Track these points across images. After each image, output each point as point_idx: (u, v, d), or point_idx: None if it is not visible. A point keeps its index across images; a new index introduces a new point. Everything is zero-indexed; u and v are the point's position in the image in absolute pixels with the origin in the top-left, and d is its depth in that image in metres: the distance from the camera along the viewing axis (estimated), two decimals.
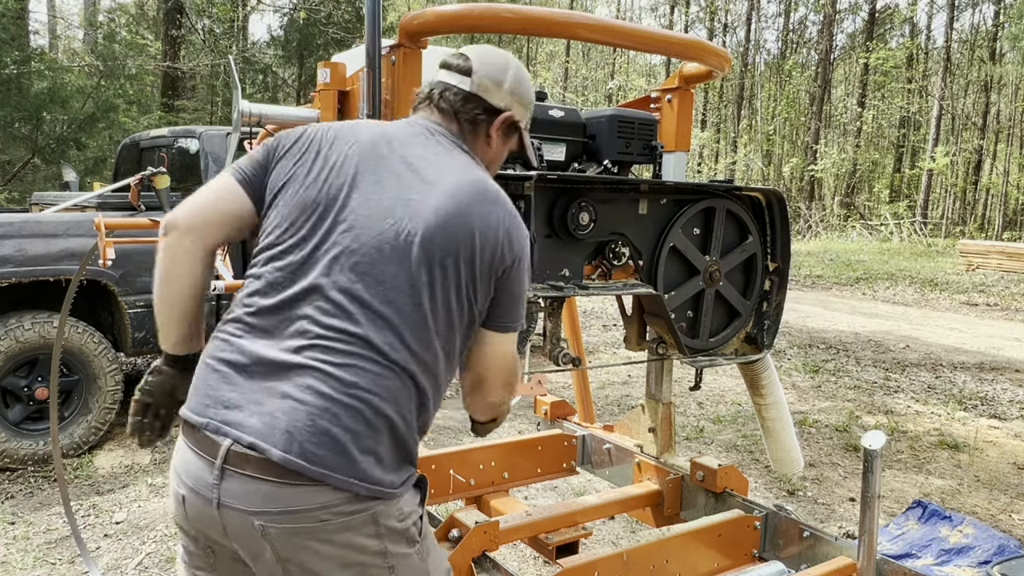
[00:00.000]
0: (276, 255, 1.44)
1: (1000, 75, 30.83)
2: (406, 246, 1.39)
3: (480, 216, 1.44)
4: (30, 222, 4.39)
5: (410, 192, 1.44)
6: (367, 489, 1.33)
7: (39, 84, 12.86)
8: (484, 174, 1.54)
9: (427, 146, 1.53)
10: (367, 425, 1.34)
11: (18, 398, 4.29)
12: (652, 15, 38.75)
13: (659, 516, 2.62)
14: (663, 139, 2.48)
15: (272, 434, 1.30)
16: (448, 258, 1.41)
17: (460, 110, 1.59)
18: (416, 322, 1.39)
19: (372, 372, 1.36)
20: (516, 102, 1.63)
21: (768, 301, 2.56)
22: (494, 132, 1.61)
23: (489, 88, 1.59)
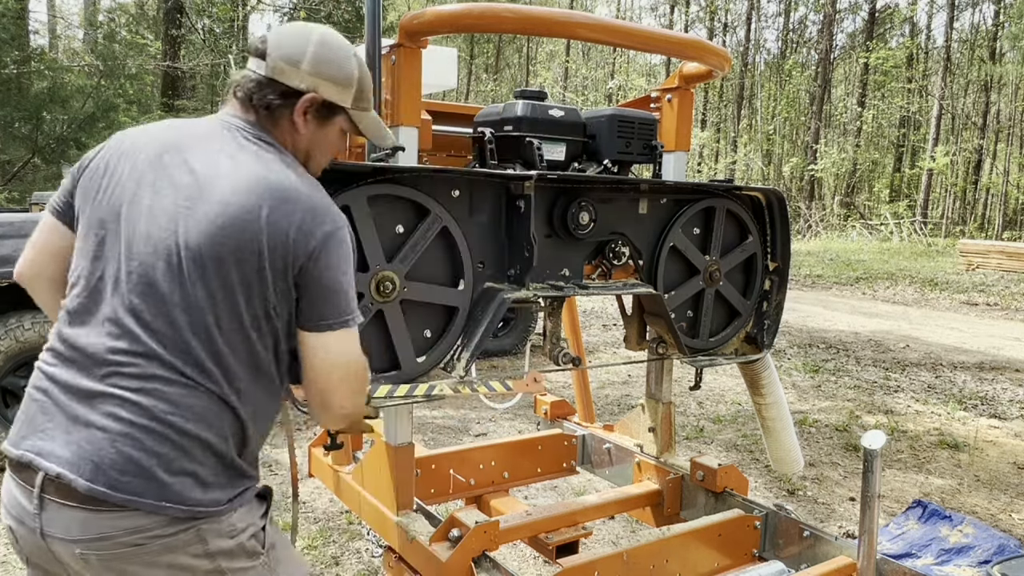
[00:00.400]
0: (75, 282, 1.41)
1: (1000, 75, 30.82)
2: (178, 261, 1.32)
3: (264, 216, 1.33)
4: (30, 222, 4.39)
5: (187, 200, 1.35)
6: (182, 511, 1.31)
7: (39, 84, 12.86)
8: (280, 167, 1.41)
9: (215, 145, 1.42)
10: (174, 447, 1.31)
11: (18, 398, 4.29)
12: (652, 15, 38.78)
13: (659, 516, 2.62)
14: (663, 139, 2.48)
15: (79, 464, 1.29)
16: (225, 270, 1.33)
17: (254, 97, 1.46)
18: (204, 340, 1.33)
19: (172, 393, 1.32)
20: (323, 80, 1.47)
21: (768, 301, 2.56)
22: (298, 117, 1.47)
23: (284, 70, 1.45)
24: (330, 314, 1.40)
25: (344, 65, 1.49)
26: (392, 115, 2.01)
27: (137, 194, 1.38)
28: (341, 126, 1.55)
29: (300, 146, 1.51)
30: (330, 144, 1.57)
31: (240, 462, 1.41)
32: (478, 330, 1.94)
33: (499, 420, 5.47)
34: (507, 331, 7.23)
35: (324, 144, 1.55)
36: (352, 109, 1.53)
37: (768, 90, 32.98)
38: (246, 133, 1.45)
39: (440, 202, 1.87)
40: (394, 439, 2.14)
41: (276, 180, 1.38)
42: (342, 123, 1.55)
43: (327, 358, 1.41)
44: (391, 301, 1.81)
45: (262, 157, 1.41)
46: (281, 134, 1.49)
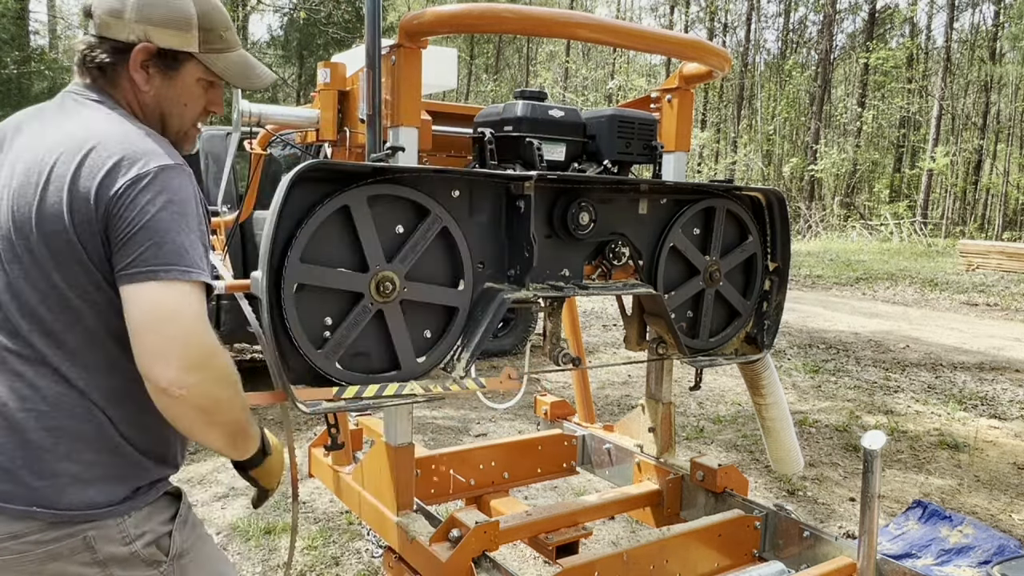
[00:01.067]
0: None
1: (1000, 75, 30.83)
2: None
3: (63, 175, 1.21)
4: None
5: (4, 180, 1.26)
6: (56, 515, 1.20)
7: (39, 84, 12.87)
8: (95, 118, 1.28)
9: (49, 117, 1.32)
10: (37, 446, 1.20)
11: None
12: (652, 15, 38.80)
13: (659, 516, 2.62)
14: (663, 139, 2.48)
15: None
16: (32, 243, 1.21)
17: (86, 59, 1.34)
18: (35, 323, 1.22)
19: (19, 386, 1.22)
20: (153, 27, 1.31)
21: (768, 301, 2.56)
22: (135, 73, 1.33)
23: (109, 23, 1.31)
24: (147, 260, 1.17)
25: (177, 4, 1.33)
26: (392, 115, 2.01)
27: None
28: (197, 75, 1.39)
29: (147, 105, 1.36)
30: (187, 98, 1.39)
31: (134, 458, 1.28)
32: (478, 330, 1.94)
33: (499, 420, 5.47)
34: (507, 331, 7.23)
35: (176, 99, 1.38)
36: (201, 53, 1.36)
37: (768, 90, 32.99)
38: (75, 96, 1.33)
39: (440, 202, 1.87)
40: (394, 439, 2.14)
41: (79, 133, 1.24)
42: (196, 72, 1.38)
43: (142, 315, 1.17)
44: (391, 301, 1.81)
45: (79, 114, 1.29)
46: (122, 95, 1.35)
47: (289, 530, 1.90)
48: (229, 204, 4.72)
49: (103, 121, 1.28)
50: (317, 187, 1.70)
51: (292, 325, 1.67)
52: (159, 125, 1.38)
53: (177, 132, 1.41)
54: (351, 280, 1.75)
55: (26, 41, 14.20)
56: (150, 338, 1.17)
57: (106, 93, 1.34)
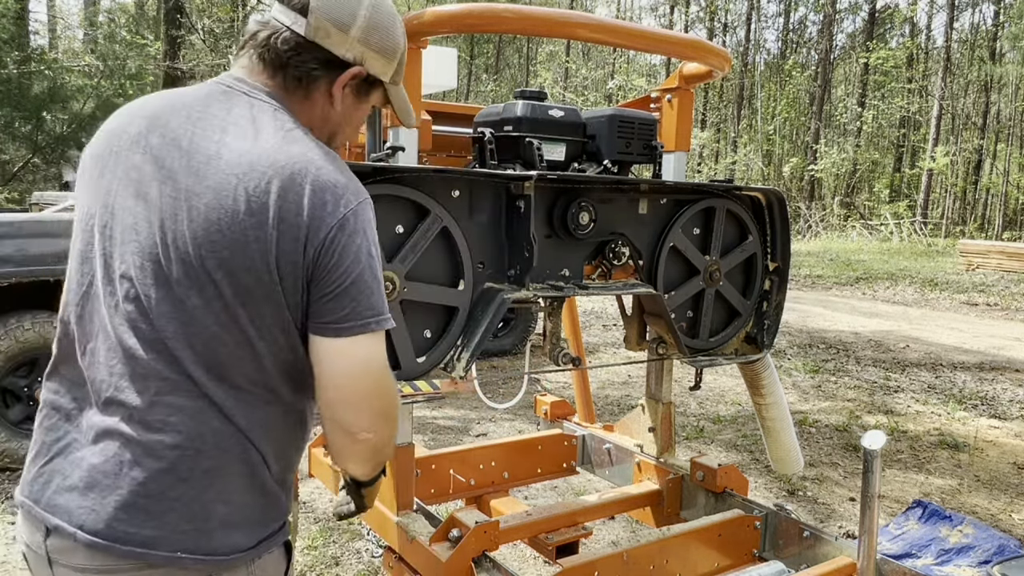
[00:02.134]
0: (67, 287, 1.25)
1: (1000, 75, 30.83)
2: (167, 265, 1.13)
3: (271, 201, 1.11)
4: (30, 222, 4.39)
5: (175, 189, 1.14)
6: (201, 560, 1.15)
7: (40, 84, 12.87)
8: (294, 136, 1.19)
9: (215, 118, 1.18)
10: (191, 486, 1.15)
11: (18, 398, 4.29)
12: (652, 15, 38.79)
13: (659, 516, 2.62)
14: (663, 139, 2.48)
15: (77, 514, 1.16)
16: (223, 272, 1.12)
17: (289, 62, 1.22)
18: (203, 356, 1.15)
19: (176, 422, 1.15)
20: (371, 51, 1.26)
21: (768, 301, 2.56)
22: (337, 91, 1.27)
23: (330, 33, 1.22)
24: (350, 315, 1.14)
25: (394, 34, 1.29)
26: (392, 115, 2.01)
27: (122, 183, 1.19)
28: (375, 102, 1.37)
29: (330, 122, 1.31)
30: (359, 121, 1.38)
31: (275, 492, 1.23)
32: (478, 330, 1.94)
33: (499, 420, 5.47)
34: (507, 331, 7.23)
35: (355, 121, 1.36)
36: (389, 84, 1.34)
37: (768, 90, 32.99)
38: (261, 100, 1.22)
39: (440, 202, 1.87)
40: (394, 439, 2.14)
41: (288, 153, 1.14)
42: (377, 99, 1.36)
43: (346, 369, 1.16)
44: (391, 301, 1.80)
45: (275, 127, 1.18)
46: (309, 107, 1.27)
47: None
48: None
49: (304, 137, 1.19)
50: None
51: None
52: (325, 139, 1.32)
53: (336, 148, 1.36)
54: None
55: (26, 41, 14.20)
56: (347, 388, 1.17)
57: (292, 104, 1.25)
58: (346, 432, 1.19)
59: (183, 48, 16.76)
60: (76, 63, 15.62)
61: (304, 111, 1.27)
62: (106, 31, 18.90)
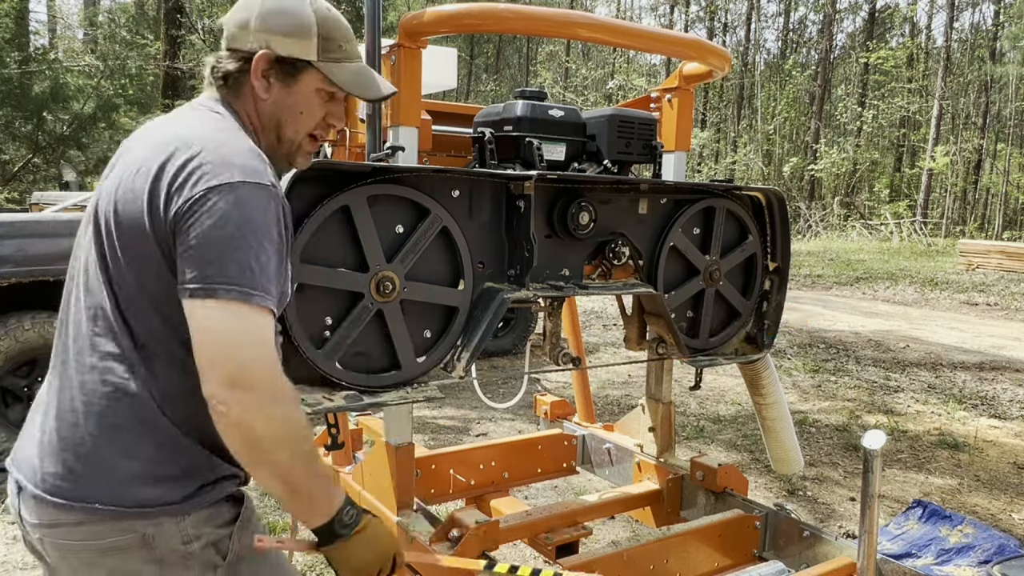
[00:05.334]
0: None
1: (1000, 75, 30.83)
2: (97, 237, 1.29)
3: (152, 171, 1.22)
4: (30, 222, 4.39)
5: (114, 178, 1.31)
6: (115, 512, 1.22)
7: (40, 84, 12.87)
8: (200, 122, 1.30)
9: (156, 123, 1.37)
10: (99, 442, 1.25)
11: (18, 398, 4.29)
12: (652, 15, 38.79)
13: (659, 516, 2.62)
14: (663, 139, 2.48)
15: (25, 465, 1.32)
16: (123, 240, 1.24)
17: (215, 71, 1.37)
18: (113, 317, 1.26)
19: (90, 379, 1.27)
20: (274, 35, 1.33)
21: (768, 301, 2.56)
22: (255, 80, 1.34)
23: (237, 35, 1.35)
24: (203, 277, 1.15)
25: (297, 12, 1.34)
26: (392, 115, 2.02)
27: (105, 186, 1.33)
28: (315, 85, 1.37)
29: (265, 114, 1.37)
30: (305, 108, 1.38)
31: (196, 450, 1.26)
32: (478, 330, 1.94)
33: (499, 420, 5.47)
34: (507, 331, 7.23)
35: (293, 107, 1.37)
36: (320, 62, 1.36)
37: (768, 90, 32.98)
38: (195, 104, 1.37)
39: (440, 202, 1.87)
40: (394, 439, 2.14)
41: (177, 134, 1.25)
42: (315, 81, 1.37)
43: (197, 330, 1.16)
44: (391, 301, 1.81)
45: (187, 119, 1.32)
46: (243, 104, 1.37)
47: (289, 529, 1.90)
48: None
49: (206, 126, 1.28)
50: (317, 187, 1.70)
51: (292, 325, 1.67)
52: (274, 135, 1.39)
53: (291, 142, 1.41)
54: (351, 280, 1.75)
55: (26, 41, 14.20)
56: (203, 351, 1.16)
57: (226, 102, 1.36)
58: (206, 399, 1.16)
59: (183, 48, 16.76)
60: (76, 63, 15.63)
61: (243, 112, 1.37)
62: (106, 31, 18.91)
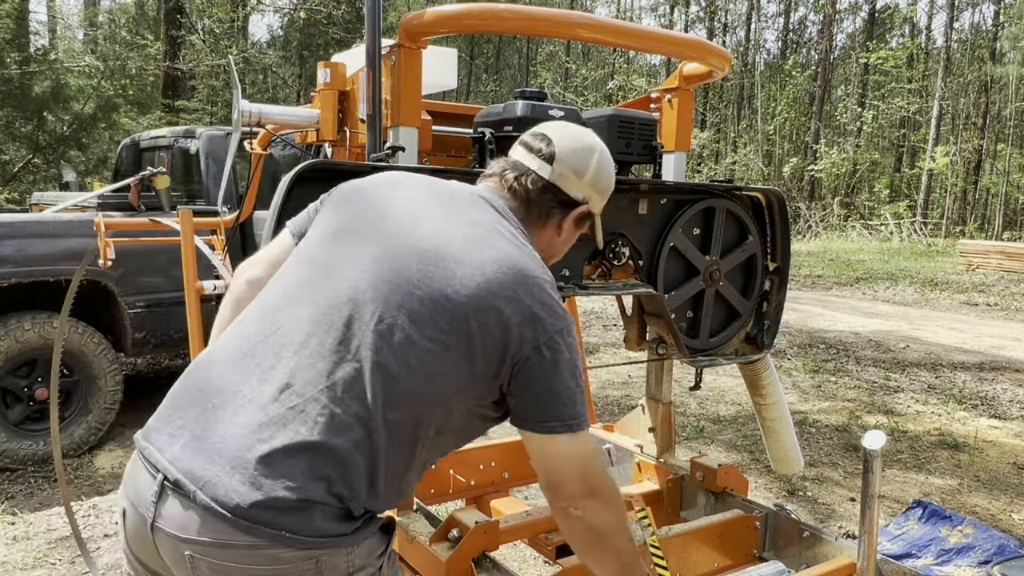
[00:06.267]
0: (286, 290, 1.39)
1: (1000, 75, 30.82)
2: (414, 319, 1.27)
3: (503, 299, 1.29)
4: (30, 222, 4.39)
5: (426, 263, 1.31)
6: (302, 541, 1.21)
7: (41, 84, 12.87)
8: (528, 254, 1.39)
9: (471, 215, 1.40)
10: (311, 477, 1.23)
11: (18, 398, 4.29)
12: (652, 15, 38.79)
13: (659, 516, 2.62)
14: (663, 139, 2.48)
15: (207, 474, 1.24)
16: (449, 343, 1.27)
17: (535, 200, 1.48)
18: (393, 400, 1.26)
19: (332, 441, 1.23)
20: (595, 192, 1.54)
21: (768, 301, 2.56)
22: (567, 224, 1.53)
23: (569, 179, 1.49)
24: (556, 416, 1.33)
25: (612, 177, 1.57)
26: (392, 115, 2.02)
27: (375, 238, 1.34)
28: (584, 229, 1.60)
29: (554, 247, 1.55)
30: (569, 246, 1.61)
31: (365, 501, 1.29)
32: None
33: None
34: None
35: (567, 245, 1.60)
36: (597, 215, 1.58)
37: (768, 90, 32.98)
38: (513, 221, 1.44)
39: None
40: None
41: (525, 266, 1.34)
42: (586, 226, 1.59)
43: (552, 460, 1.36)
44: None
45: (515, 241, 1.39)
46: (542, 235, 1.51)
47: None
48: (229, 204, 4.73)
49: (534, 261, 1.38)
50: (317, 187, 1.70)
51: None
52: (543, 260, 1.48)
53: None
54: None
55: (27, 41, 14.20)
56: (558, 474, 1.36)
57: (532, 228, 1.48)
58: (558, 507, 1.39)
59: (183, 48, 16.75)
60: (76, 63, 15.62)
61: (537, 237, 1.50)
62: (106, 32, 18.91)
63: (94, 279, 4.41)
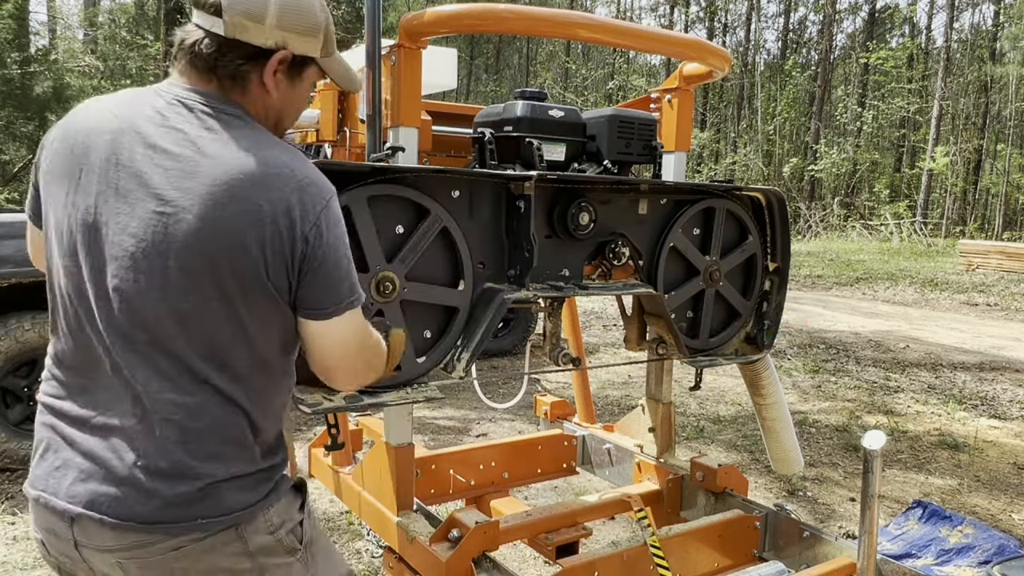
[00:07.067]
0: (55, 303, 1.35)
1: (1000, 75, 30.82)
2: (163, 272, 1.19)
3: (257, 208, 1.19)
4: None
5: (162, 204, 1.19)
6: (219, 521, 1.25)
7: (42, 84, 12.87)
8: (257, 143, 1.25)
9: (179, 128, 1.23)
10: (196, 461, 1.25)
11: (18, 398, 4.29)
12: (652, 15, 38.79)
13: (659, 516, 2.62)
14: (663, 139, 2.48)
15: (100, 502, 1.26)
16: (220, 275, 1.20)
17: (216, 63, 1.27)
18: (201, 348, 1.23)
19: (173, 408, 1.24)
20: (292, 34, 1.29)
21: (768, 301, 2.56)
22: (268, 79, 1.30)
23: (248, 27, 1.25)
24: (331, 300, 1.27)
25: (311, 11, 1.32)
26: (392, 115, 2.02)
27: (100, 198, 1.23)
28: (313, 79, 1.41)
29: (272, 109, 1.35)
30: (301, 102, 1.42)
31: (267, 457, 1.33)
32: (478, 330, 1.94)
33: (499, 420, 5.47)
34: (507, 331, 7.23)
35: (296, 102, 1.40)
36: (321, 58, 1.37)
37: (768, 90, 32.99)
38: (207, 109, 1.26)
39: (440, 202, 1.87)
40: (394, 439, 2.14)
41: (259, 163, 1.22)
42: (314, 76, 1.40)
43: (330, 346, 1.31)
44: (391, 301, 1.81)
45: (234, 136, 1.24)
46: (250, 100, 1.32)
47: None
48: None
49: (265, 144, 1.27)
50: None
51: None
52: (272, 129, 1.38)
53: (282, 133, 1.42)
54: None
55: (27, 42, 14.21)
56: (339, 360, 1.34)
57: (238, 104, 1.30)
58: (335, 383, 1.41)
59: None
60: (77, 63, 15.62)
61: (246, 105, 1.32)
62: (106, 32, 18.91)
63: None
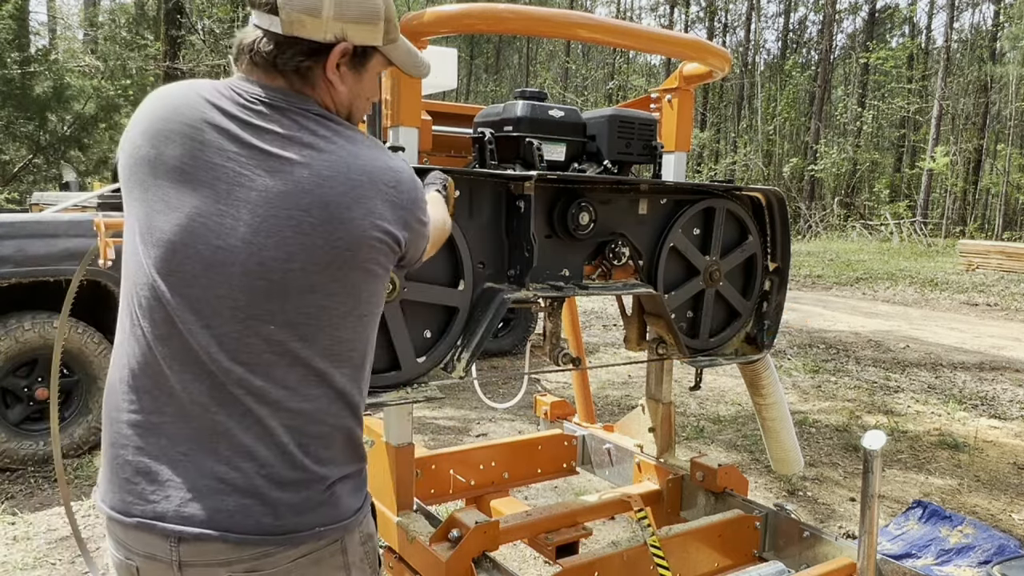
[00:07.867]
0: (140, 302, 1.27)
1: (1000, 75, 30.82)
2: (279, 274, 1.18)
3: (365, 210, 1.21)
4: (30, 222, 4.39)
5: (268, 205, 1.18)
6: (337, 528, 1.23)
7: (42, 84, 12.88)
8: (349, 143, 1.25)
9: (272, 127, 1.22)
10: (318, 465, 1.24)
11: (18, 398, 4.29)
12: (652, 15, 38.78)
13: (659, 516, 2.62)
14: (663, 139, 2.48)
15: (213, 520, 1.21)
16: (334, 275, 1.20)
17: (276, 62, 1.24)
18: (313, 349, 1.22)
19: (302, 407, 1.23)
20: (352, 24, 1.25)
21: (768, 301, 2.56)
22: (332, 74, 1.27)
23: (305, 22, 1.22)
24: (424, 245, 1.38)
25: (367, 0, 1.28)
26: (392, 115, 2.01)
27: (199, 197, 1.20)
28: (378, 68, 1.37)
29: (341, 103, 1.32)
30: (370, 92, 1.38)
31: (360, 455, 1.30)
32: (478, 330, 1.94)
33: (499, 420, 5.47)
34: (507, 331, 7.23)
35: (364, 93, 1.36)
36: (384, 45, 1.33)
37: (768, 90, 32.99)
38: (286, 103, 1.25)
39: None
40: (394, 439, 2.14)
41: (359, 166, 1.22)
42: (379, 65, 1.36)
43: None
44: (391, 301, 1.81)
45: (326, 137, 1.24)
46: (320, 95, 1.29)
47: None
48: None
49: (354, 142, 1.26)
50: None
51: None
52: (346, 120, 1.36)
53: (356, 123, 1.39)
54: None
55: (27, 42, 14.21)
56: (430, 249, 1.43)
57: (311, 99, 1.28)
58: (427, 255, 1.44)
59: (183, 48, 16.77)
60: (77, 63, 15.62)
61: (318, 99, 1.29)
62: (106, 32, 18.93)
63: (94, 279, 4.40)
